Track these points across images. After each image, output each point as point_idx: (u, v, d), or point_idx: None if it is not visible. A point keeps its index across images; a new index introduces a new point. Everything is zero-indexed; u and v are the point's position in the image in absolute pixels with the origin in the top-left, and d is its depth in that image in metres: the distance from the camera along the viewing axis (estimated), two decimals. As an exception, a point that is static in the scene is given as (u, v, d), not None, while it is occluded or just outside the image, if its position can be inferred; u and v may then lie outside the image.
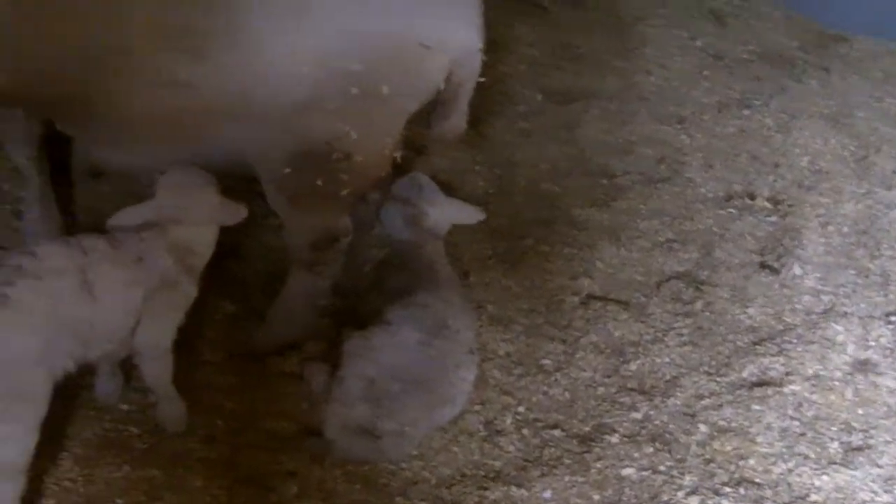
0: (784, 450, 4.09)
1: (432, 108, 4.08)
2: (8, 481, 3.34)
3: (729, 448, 4.08)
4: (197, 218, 3.89)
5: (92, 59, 3.55)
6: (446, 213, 4.52)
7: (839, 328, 4.75)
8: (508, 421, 4.18)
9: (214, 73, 3.58)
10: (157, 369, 3.91)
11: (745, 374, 4.45)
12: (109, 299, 3.60)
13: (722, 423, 4.20)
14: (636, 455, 4.04)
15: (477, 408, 4.20)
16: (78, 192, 4.99)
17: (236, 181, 4.96)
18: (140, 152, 3.97)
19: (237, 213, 3.96)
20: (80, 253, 3.55)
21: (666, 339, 4.63)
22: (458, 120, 4.17)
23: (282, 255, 4.75)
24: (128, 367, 4.07)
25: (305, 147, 3.83)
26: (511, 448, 4.06)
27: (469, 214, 4.58)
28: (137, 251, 3.74)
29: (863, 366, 4.55)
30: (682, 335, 4.65)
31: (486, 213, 4.63)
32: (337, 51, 3.61)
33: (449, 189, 4.91)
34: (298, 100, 3.69)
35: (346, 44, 3.62)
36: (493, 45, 5.92)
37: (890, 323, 4.81)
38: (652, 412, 4.25)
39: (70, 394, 3.62)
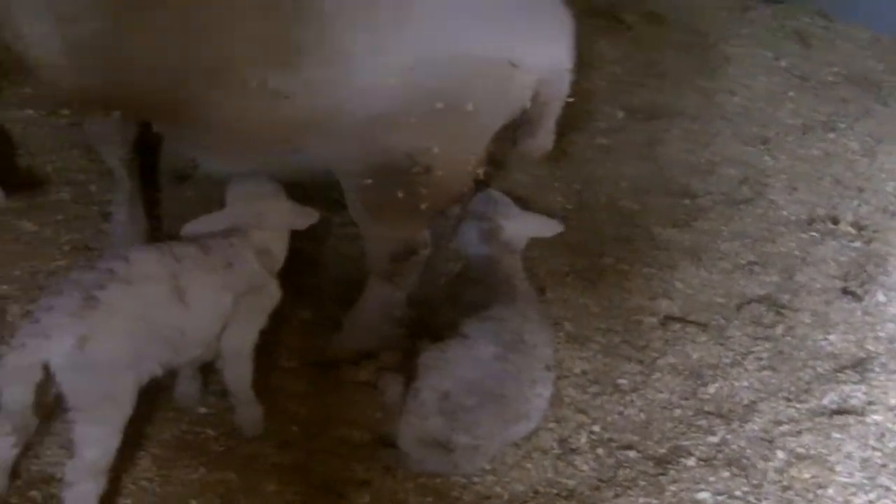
0: (865, 480, 4.01)
1: (518, 126, 4.06)
2: (90, 481, 3.38)
3: (807, 476, 4.00)
4: (272, 223, 3.97)
5: (190, 67, 3.63)
6: (522, 226, 4.50)
7: (924, 358, 4.64)
8: (583, 440, 4.15)
9: (306, 83, 3.63)
10: (240, 373, 3.95)
11: (825, 402, 4.37)
12: (200, 305, 3.65)
13: (800, 450, 4.12)
14: (712, 479, 3.98)
15: (552, 425, 4.17)
16: (163, 197, 5.06)
17: (316, 190, 5.05)
18: (232, 158, 4.04)
19: (309, 216, 4.05)
20: (173, 259, 3.61)
21: (745, 362, 4.56)
22: (544, 139, 4.15)
23: (358, 265, 4.78)
24: (206, 371, 4.11)
25: (387, 159, 3.84)
26: (585, 467, 4.02)
27: (547, 227, 4.56)
28: (227, 256, 3.80)
29: (948, 398, 4.43)
30: (761, 359, 4.58)
31: (564, 229, 4.62)
32: (425, 66, 3.63)
33: (527, 204, 4.91)
34: (383, 112, 3.71)
35: (434, 59, 3.63)
36: (575, 61, 5.97)
37: (977, 354, 4.69)
38: (729, 436, 4.19)
39: (150, 395, 3.65)
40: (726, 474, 4.01)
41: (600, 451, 4.11)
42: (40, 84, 4.16)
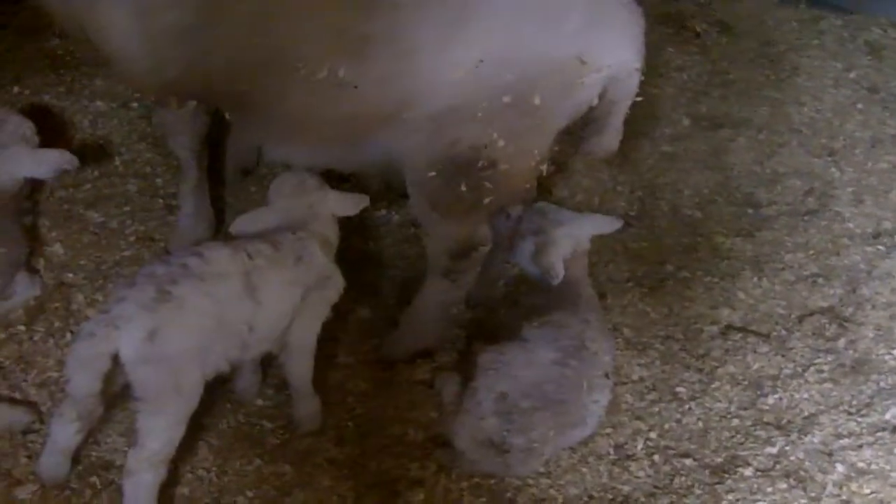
0: (927, 498, 3.94)
1: (585, 124, 4.05)
2: (151, 471, 3.44)
3: (867, 491, 3.94)
4: (324, 212, 4.02)
5: (263, 57, 3.68)
6: (577, 229, 4.42)
7: None
8: (639, 446, 4.13)
9: (374, 76, 3.66)
10: (303, 367, 3.99)
11: (887, 417, 4.28)
12: (272, 302, 3.71)
13: (861, 464, 4.06)
14: (769, 490, 3.94)
15: (608, 430, 4.16)
16: (227, 191, 5.13)
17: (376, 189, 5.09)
18: (300, 149, 4.10)
19: (358, 201, 4.11)
20: (246, 257, 3.66)
21: (806, 374, 4.49)
22: (610, 138, 4.13)
23: (417, 264, 4.82)
24: (265, 364, 4.15)
25: (452, 152, 3.85)
26: (641, 474, 4.01)
27: (604, 224, 4.51)
28: (296, 251, 3.84)
29: None
30: (822, 372, 4.51)
31: (625, 235, 4.61)
32: (493, 60, 3.64)
33: (589, 208, 4.88)
34: (450, 105, 3.73)
35: (502, 54, 3.64)
36: (643, 65, 5.93)
37: None
38: (788, 448, 4.14)
39: (209, 385, 3.68)
40: (784, 486, 3.96)
41: (656, 457, 4.09)
42: (116, 76, 4.23)
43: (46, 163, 4.30)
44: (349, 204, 4.11)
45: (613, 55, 3.84)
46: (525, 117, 3.78)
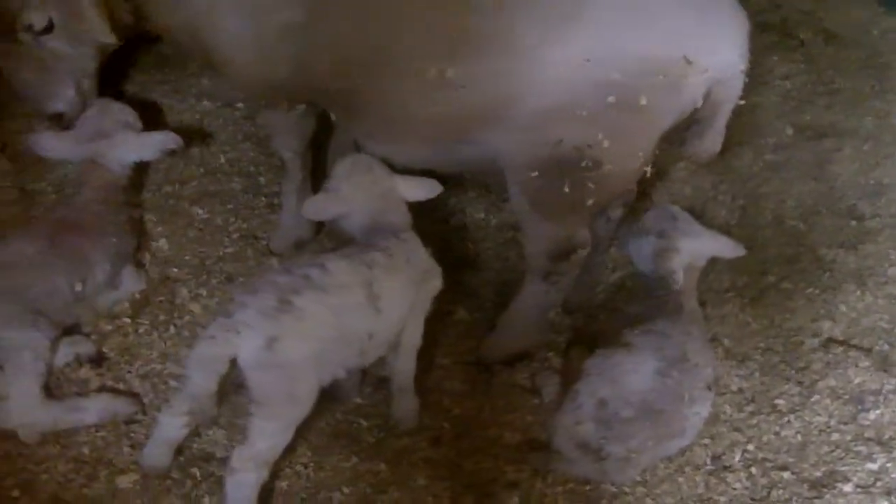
0: None
1: (687, 126, 4.02)
2: (254, 471, 3.50)
3: (972, 512, 3.86)
4: (396, 200, 4.08)
5: (373, 57, 3.73)
6: (703, 245, 4.42)
7: None
8: (737, 458, 4.08)
9: (480, 74, 3.68)
10: (409, 365, 4.04)
11: None
12: (392, 309, 3.77)
13: (964, 483, 3.97)
14: (869, 507, 3.87)
15: (706, 441, 4.12)
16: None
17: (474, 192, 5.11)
18: (403, 148, 4.14)
19: (431, 186, 4.12)
20: (365, 267, 3.71)
21: (909, 391, 4.40)
22: (712, 141, 4.11)
23: (516, 266, 4.82)
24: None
25: (555, 152, 3.85)
26: (738, 485, 3.96)
27: (729, 248, 4.47)
28: (405, 252, 3.90)
29: None
30: (927, 389, 4.41)
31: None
32: (599, 59, 3.65)
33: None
34: (555, 105, 3.73)
35: (609, 53, 3.64)
36: (746, 75, 5.85)
37: None
38: (889, 465, 4.04)
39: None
40: (884, 503, 3.88)
41: (754, 470, 4.04)
42: (226, 80, 4.31)
43: (152, 144, 4.46)
44: (421, 189, 4.13)
45: (719, 56, 3.82)
46: (631, 117, 3.77)
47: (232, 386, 3.76)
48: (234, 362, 3.40)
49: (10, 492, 3.61)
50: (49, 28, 4.37)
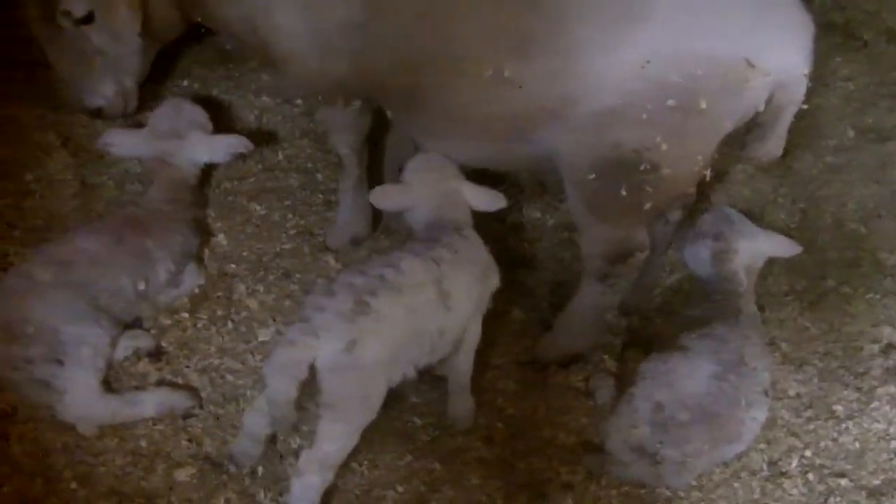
0: None
1: (748, 130, 3.98)
2: (320, 473, 3.53)
3: None
4: (461, 203, 4.09)
5: (430, 56, 3.74)
6: (761, 246, 4.41)
7: None
8: (794, 463, 4.03)
9: (538, 74, 3.68)
10: (468, 363, 4.04)
11: None
12: (461, 305, 3.78)
13: None
14: (930, 516, 3.81)
15: (762, 446, 4.08)
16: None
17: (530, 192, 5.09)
18: (460, 146, 4.14)
19: (495, 199, 4.13)
20: (435, 265, 3.72)
21: (970, 399, 4.32)
22: (774, 145, 4.06)
23: (571, 267, 4.80)
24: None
25: (614, 154, 3.82)
26: (794, 491, 3.92)
27: (786, 247, 4.47)
28: (467, 249, 3.91)
29: None
30: None
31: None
32: (659, 61, 3.61)
33: (749, 219, 4.78)
34: (614, 107, 3.71)
35: (669, 55, 3.61)
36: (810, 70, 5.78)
37: None
38: (950, 474, 3.99)
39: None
40: (944, 513, 3.83)
41: (811, 476, 3.99)
42: (285, 74, 4.33)
43: (223, 147, 4.51)
44: (486, 199, 4.14)
45: (782, 59, 3.75)
46: (690, 120, 3.73)
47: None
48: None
49: (69, 484, 3.65)
50: (89, 18, 4.38)
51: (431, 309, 3.63)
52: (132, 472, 3.75)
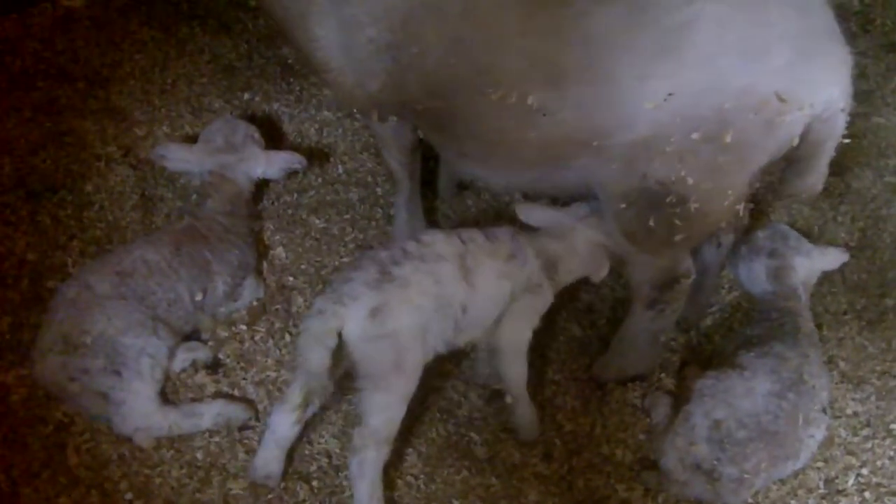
0: None
1: (787, 164, 3.88)
2: (374, 448, 3.62)
3: None
4: (571, 254, 4.17)
5: (455, 79, 3.74)
6: (816, 261, 4.43)
7: None
8: (850, 482, 4.02)
9: (565, 104, 3.65)
10: (516, 372, 4.07)
11: None
12: (483, 286, 3.86)
13: None
14: None
15: (819, 464, 4.06)
16: (441, 203, 5.25)
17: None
18: (494, 169, 4.14)
19: (601, 269, 4.19)
20: (459, 241, 3.86)
21: None
22: (814, 180, 3.94)
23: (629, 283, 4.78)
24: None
25: (640, 185, 3.77)
26: (851, 509, 3.92)
27: (834, 257, 4.49)
28: (510, 248, 3.99)
29: None
30: None
31: (845, 266, 4.53)
32: (686, 94, 3.52)
33: (808, 238, 4.76)
34: (640, 138, 3.64)
35: (698, 87, 3.51)
36: (867, 96, 5.73)
37: None
38: None
39: (420, 394, 3.82)
40: None
41: (867, 494, 3.98)
42: (325, 84, 4.37)
43: (278, 163, 4.60)
44: (593, 266, 4.21)
45: (817, 93, 3.60)
46: (717, 155, 3.62)
47: (341, 392, 3.92)
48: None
49: (125, 495, 3.74)
50: None
51: (453, 281, 3.75)
52: (188, 483, 3.83)
